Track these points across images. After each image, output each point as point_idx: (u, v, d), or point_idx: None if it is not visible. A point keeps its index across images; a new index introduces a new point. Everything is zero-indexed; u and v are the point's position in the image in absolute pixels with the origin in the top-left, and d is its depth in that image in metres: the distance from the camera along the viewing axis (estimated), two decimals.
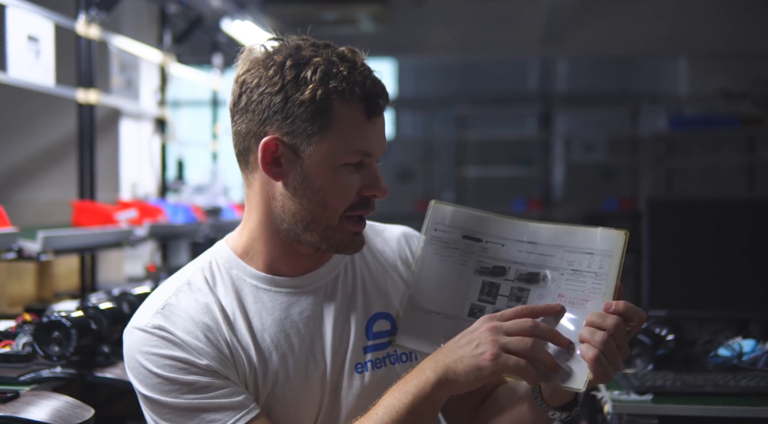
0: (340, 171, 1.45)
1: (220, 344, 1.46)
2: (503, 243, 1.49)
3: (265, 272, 1.54)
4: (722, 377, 2.41)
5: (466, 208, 1.55)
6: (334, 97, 1.42)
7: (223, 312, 1.49)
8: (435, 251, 1.52)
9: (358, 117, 1.44)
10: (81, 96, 4.47)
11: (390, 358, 1.56)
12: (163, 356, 1.43)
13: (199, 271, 1.55)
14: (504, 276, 1.47)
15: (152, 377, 1.43)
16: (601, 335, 1.33)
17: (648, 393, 2.31)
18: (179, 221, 5.05)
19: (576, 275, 1.42)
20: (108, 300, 2.84)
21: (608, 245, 1.42)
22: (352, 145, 1.44)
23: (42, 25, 3.88)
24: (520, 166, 10.45)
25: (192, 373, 1.42)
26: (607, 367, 1.32)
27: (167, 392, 1.42)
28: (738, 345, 2.63)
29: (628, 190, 10.04)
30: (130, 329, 1.48)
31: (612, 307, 1.36)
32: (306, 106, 1.42)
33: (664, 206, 2.86)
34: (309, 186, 1.46)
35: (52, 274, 4.22)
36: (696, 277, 2.82)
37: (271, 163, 1.46)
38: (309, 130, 1.43)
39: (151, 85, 5.97)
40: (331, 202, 1.46)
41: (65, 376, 2.48)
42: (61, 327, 2.45)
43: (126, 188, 5.93)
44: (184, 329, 1.45)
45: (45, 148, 5.96)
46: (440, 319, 1.48)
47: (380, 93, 1.46)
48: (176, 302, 1.49)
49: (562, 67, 11.06)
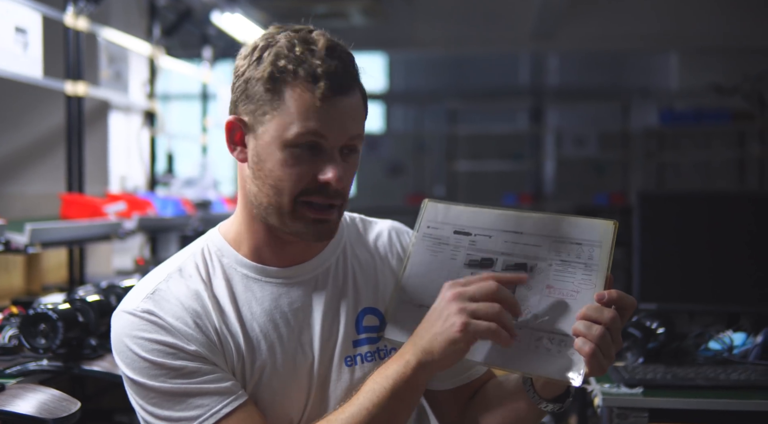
0: (290, 152, 1.43)
1: (208, 330, 1.45)
2: (491, 235, 1.47)
3: (253, 261, 1.53)
4: (713, 370, 2.40)
5: (459, 204, 1.53)
6: (283, 76, 1.41)
7: (213, 299, 1.48)
8: (427, 247, 1.51)
9: (307, 97, 1.41)
10: (69, 88, 4.44)
11: (380, 352, 1.55)
12: (151, 341, 1.42)
13: (191, 257, 1.54)
14: (492, 268, 1.45)
15: (140, 361, 1.42)
16: (598, 329, 1.31)
17: (638, 386, 2.29)
18: (168, 214, 5.03)
19: (565, 265, 1.41)
20: (95, 293, 2.82)
21: (597, 235, 1.40)
22: (300, 124, 1.41)
23: (30, 16, 3.85)
24: (511, 160, 10.45)
25: (180, 358, 1.41)
26: (603, 360, 1.31)
27: (154, 377, 1.41)
28: (729, 338, 2.62)
29: (619, 184, 10.05)
30: (119, 312, 1.47)
31: (605, 297, 1.34)
32: (261, 86, 1.42)
33: (654, 199, 2.85)
34: (262, 167, 1.46)
35: (41, 267, 4.19)
36: (687, 270, 2.81)
37: (237, 143, 1.49)
38: (263, 109, 1.43)
39: (140, 77, 5.94)
40: (280, 185, 1.44)
41: (52, 369, 2.45)
42: (48, 320, 2.42)
43: (115, 181, 5.90)
44: (173, 314, 1.44)
45: (33, 141, 5.93)
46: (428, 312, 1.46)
47: (333, 75, 1.42)
48: (166, 287, 1.48)
49: (553, 62, 11.07)
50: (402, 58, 10.98)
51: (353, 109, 1.46)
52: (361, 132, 1.48)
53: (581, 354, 1.31)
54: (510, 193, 9.89)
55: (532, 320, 1.39)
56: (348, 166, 1.47)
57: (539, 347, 1.38)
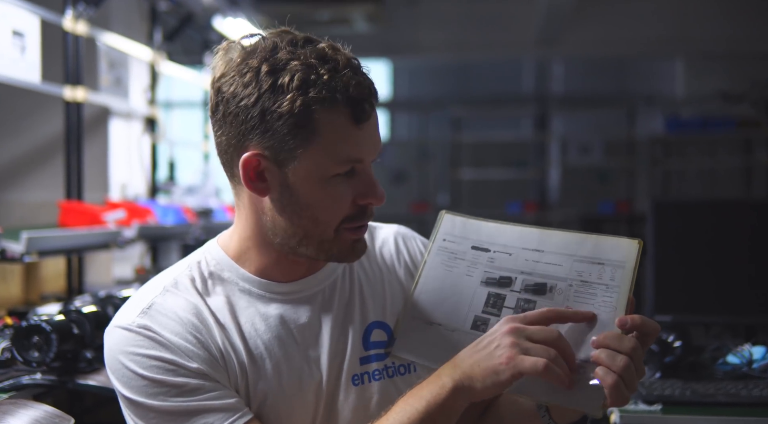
0: (329, 183, 1.35)
1: (209, 346, 1.37)
2: (511, 252, 1.40)
3: (258, 276, 1.45)
4: (733, 385, 2.31)
5: (477, 218, 1.46)
6: (315, 107, 1.30)
7: (213, 315, 1.40)
8: (441, 261, 1.44)
9: (344, 124, 1.32)
10: (68, 93, 4.37)
11: (388, 370, 1.47)
12: (149, 357, 1.33)
13: (188, 271, 1.46)
14: (510, 287, 1.38)
15: (137, 378, 1.33)
16: (622, 360, 1.23)
17: (657, 403, 2.21)
18: (169, 223, 4.96)
19: (585, 286, 1.33)
20: (92, 303, 2.73)
21: (620, 255, 1.33)
22: (340, 155, 1.33)
23: (28, 19, 3.78)
24: (516, 168, 10.37)
25: (181, 375, 1.33)
26: (625, 391, 1.23)
27: (154, 395, 1.32)
28: (748, 352, 2.53)
29: (624, 192, 9.97)
30: (113, 328, 1.38)
31: (628, 323, 1.26)
32: (285, 120, 1.30)
33: (669, 207, 2.76)
34: (297, 202, 1.36)
35: (40, 276, 4.13)
36: (703, 280, 2.73)
37: (255, 179, 1.36)
38: (291, 144, 1.32)
39: (141, 83, 5.87)
40: (323, 217, 1.36)
41: (46, 383, 2.37)
42: (41, 332, 2.34)
43: (116, 189, 5.83)
44: (172, 330, 1.35)
45: (33, 148, 5.87)
46: (441, 331, 1.39)
47: (367, 95, 1.33)
48: (163, 301, 1.39)
49: (557, 69, 11.01)
50: (405, 66, 10.92)
51: (377, 127, 1.40)
52: (382, 147, 1.43)
53: (603, 385, 1.23)
54: (514, 201, 9.83)
55: None
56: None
57: None
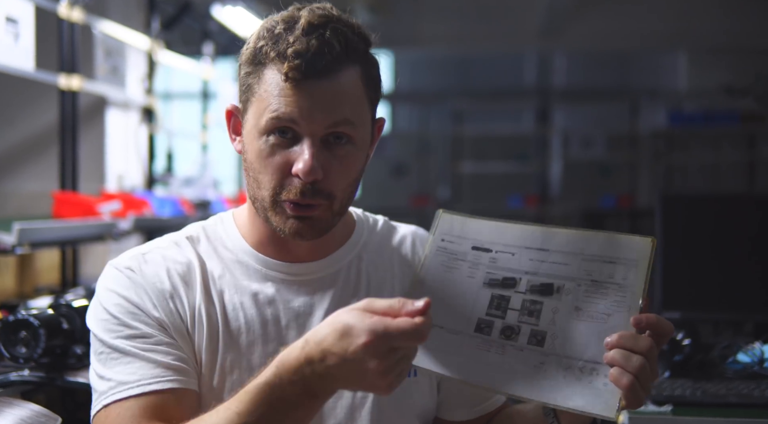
0: (264, 141, 1.32)
1: (183, 302, 1.38)
2: (513, 252, 1.34)
3: (257, 251, 1.43)
4: (745, 385, 2.24)
5: (477, 217, 1.39)
6: (260, 57, 1.32)
7: (203, 277, 1.40)
8: (441, 262, 1.37)
9: (276, 79, 1.30)
10: (63, 82, 4.30)
11: None
12: (118, 295, 1.36)
13: (195, 233, 1.47)
14: (515, 288, 1.32)
15: (103, 312, 1.36)
16: (638, 361, 1.18)
17: (667, 404, 2.13)
18: (166, 214, 4.91)
19: (596, 286, 1.28)
20: (84, 297, 2.65)
21: (633, 253, 1.28)
22: (271, 109, 1.30)
23: (21, 6, 3.69)
24: (517, 161, 10.31)
25: (139, 320, 1.34)
26: (640, 392, 1.19)
27: (109, 331, 1.34)
28: (759, 350, 2.46)
29: (626, 187, 9.91)
30: (107, 265, 1.42)
31: (643, 322, 1.21)
32: (243, 70, 1.36)
33: (677, 202, 2.70)
34: (246, 158, 1.36)
35: (34, 268, 4.09)
36: (711, 276, 2.67)
37: (237, 134, 1.41)
38: (246, 95, 1.35)
39: (138, 72, 5.79)
40: (261, 178, 1.33)
41: (34, 380, 2.29)
42: (29, 326, 2.26)
43: (112, 180, 5.76)
44: (154, 275, 1.38)
45: (28, 138, 5.82)
46: (443, 334, 1.32)
47: (311, 54, 1.28)
48: (160, 251, 1.42)
49: (559, 62, 10.93)
50: (407, 58, 10.85)
51: (335, 92, 1.30)
52: (347, 117, 1.32)
53: (618, 386, 1.19)
54: (515, 195, 9.77)
55: (559, 345, 1.26)
56: (332, 159, 1.32)
57: (568, 375, 1.24)
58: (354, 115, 1.33)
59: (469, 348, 1.28)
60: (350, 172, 1.35)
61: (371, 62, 1.39)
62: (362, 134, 1.36)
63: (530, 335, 1.27)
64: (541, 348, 1.26)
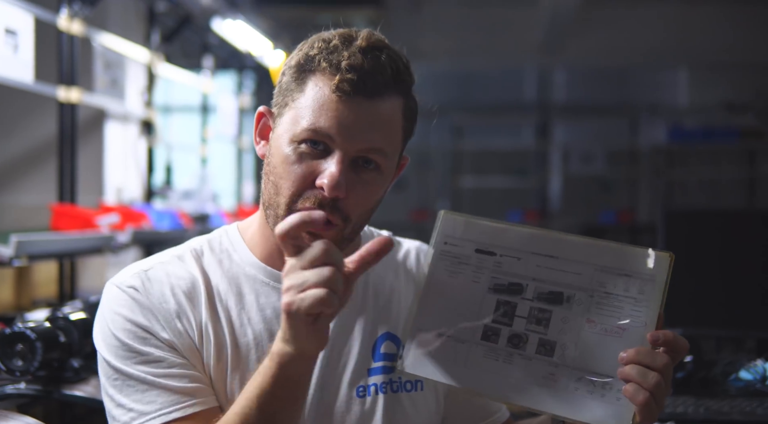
0: (294, 148, 1.28)
1: (189, 320, 1.34)
2: (519, 256, 1.30)
3: (266, 264, 1.40)
4: (748, 403, 2.22)
5: (480, 218, 1.36)
6: (309, 65, 1.29)
7: (208, 292, 1.37)
8: (445, 267, 1.33)
9: (324, 90, 1.27)
10: (62, 94, 4.30)
11: (392, 384, 1.39)
12: (125, 319, 1.32)
13: (199, 246, 1.43)
14: (521, 294, 1.28)
15: (111, 338, 1.32)
16: (654, 378, 1.16)
17: (669, 421, 2.11)
18: (164, 228, 4.89)
19: (610, 299, 1.24)
20: (81, 310, 2.63)
21: (650, 268, 1.24)
22: (309, 119, 1.26)
23: (21, 17, 3.69)
24: (517, 176, 10.31)
25: (150, 344, 1.31)
26: (655, 409, 1.17)
27: (122, 358, 1.31)
28: (762, 367, 2.44)
29: (626, 202, 9.90)
30: (108, 284, 1.38)
31: (660, 339, 1.19)
32: (289, 74, 1.32)
33: (680, 217, 2.68)
34: (270, 162, 1.32)
35: (32, 281, 4.07)
36: (714, 292, 2.65)
37: (263, 138, 1.37)
38: (285, 100, 1.31)
39: (137, 85, 5.78)
40: (279, 183, 1.29)
41: (30, 393, 2.27)
42: (26, 339, 2.23)
43: (111, 193, 5.75)
44: (160, 295, 1.34)
45: (27, 150, 5.81)
46: (450, 342, 1.29)
47: (365, 73, 1.26)
48: (163, 268, 1.38)
49: (559, 77, 10.95)
50: None
51: (377, 116, 1.28)
52: (381, 145, 1.29)
53: (634, 403, 1.17)
54: (515, 210, 9.76)
55: (570, 357, 1.24)
56: (357, 182, 1.29)
57: (579, 388, 1.22)
58: (388, 145, 1.31)
59: (476, 357, 1.26)
60: (370, 199, 1.33)
61: (413, 98, 1.38)
62: (390, 165, 1.33)
63: (539, 344, 1.25)
64: (551, 358, 1.23)
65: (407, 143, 1.39)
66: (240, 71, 7.89)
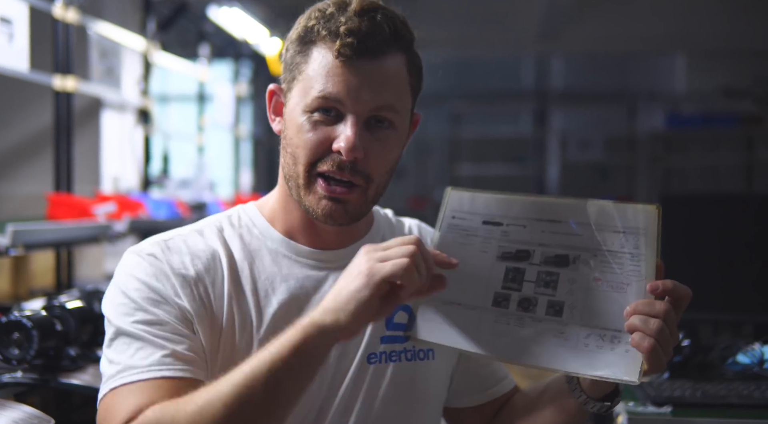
0: (307, 118, 1.32)
1: (208, 292, 1.35)
2: (525, 224, 1.34)
3: (287, 238, 1.42)
4: (745, 386, 2.22)
5: (485, 191, 1.38)
6: (310, 36, 1.32)
7: (231, 263, 1.38)
8: (453, 239, 1.36)
9: (328, 57, 1.30)
10: (58, 83, 4.29)
11: (407, 353, 1.43)
12: (139, 280, 1.32)
13: (218, 222, 1.44)
14: (529, 260, 1.32)
15: (120, 296, 1.33)
16: (656, 323, 1.19)
17: (667, 405, 2.11)
18: (161, 216, 4.88)
19: (611, 255, 1.28)
20: (78, 298, 2.63)
21: (640, 222, 1.27)
22: (318, 87, 1.30)
23: (15, 6, 3.68)
24: (515, 164, 10.31)
25: (159, 306, 1.31)
26: (662, 356, 1.20)
27: (125, 315, 1.31)
28: (758, 351, 2.44)
29: (625, 189, 9.91)
30: (127, 252, 1.39)
31: (660, 287, 1.21)
32: (291, 49, 1.36)
33: (677, 202, 2.68)
34: (286, 135, 1.36)
35: (29, 270, 4.07)
36: (711, 277, 2.64)
37: (273, 113, 1.42)
38: (293, 74, 1.35)
39: (133, 74, 5.77)
40: (297, 152, 1.33)
41: (27, 381, 2.26)
42: (22, 328, 2.23)
43: (108, 182, 5.74)
44: (179, 262, 1.35)
45: (23, 140, 5.80)
46: (461, 310, 1.32)
47: (363, 34, 1.29)
48: (183, 239, 1.39)
49: (557, 65, 10.94)
50: None
51: (383, 75, 1.32)
52: (391, 102, 1.33)
53: (640, 350, 1.20)
54: None
55: (578, 315, 1.27)
56: (374, 141, 1.33)
57: (589, 344, 1.26)
58: (397, 101, 1.35)
59: (487, 322, 1.29)
60: (389, 157, 1.37)
61: (415, 54, 1.40)
62: (403, 121, 1.37)
63: (548, 306, 1.28)
64: (560, 318, 1.27)
65: (417, 99, 1.42)
66: (236, 59, 7.89)
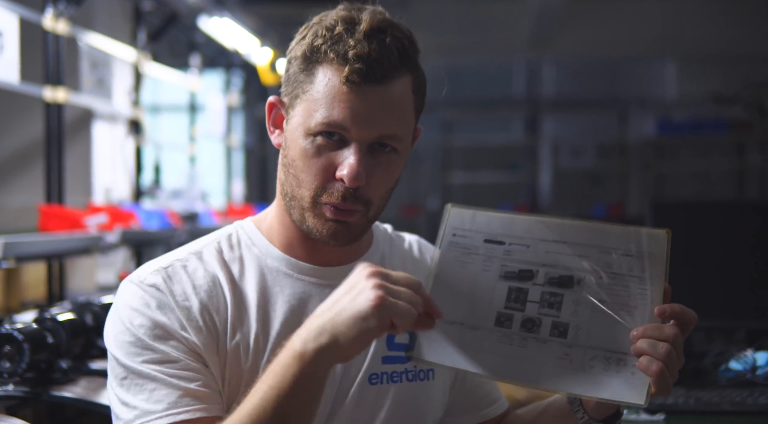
0: (313, 142, 1.29)
1: (214, 320, 1.32)
2: (528, 244, 1.33)
3: (286, 255, 1.40)
4: (738, 393, 2.22)
5: (486, 209, 1.38)
6: (317, 56, 1.29)
7: (232, 288, 1.36)
8: (455, 257, 1.35)
9: (335, 80, 1.27)
10: (48, 94, 4.28)
11: (408, 374, 1.42)
12: (144, 315, 1.29)
13: (216, 242, 1.41)
14: (532, 280, 1.30)
15: (126, 333, 1.29)
16: (664, 347, 1.19)
17: (660, 412, 2.11)
18: (153, 227, 4.87)
19: (617, 278, 1.27)
20: (70, 311, 2.62)
21: (649, 246, 1.27)
22: (323, 112, 1.27)
23: (5, 17, 3.67)
24: (507, 171, 10.32)
25: (167, 343, 1.28)
26: (669, 379, 1.19)
27: (133, 354, 1.28)
28: (751, 358, 2.44)
29: (617, 195, 9.93)
30: (125, 282, 1.35)
31: (668, 311, 1.22)
32: (296, 65, 1.32)
33: (668, 209, 2.68)
34: (287, 154, 1.33)
35: (20, 282, 4.04)
36: (703, 284, 2.64)
37: (277, 126, 1.39)
38: (296, 91, 1.32)
39: (124, 85, 5.77)
40: (302, 177, 1.31)
41: (18, 394, 2.25)
42: (13, 341, 2.22)
43: (99, 193, 5.73)
44: (182, 293, 1.32)
45: (13, 151, 5.79)
46: (463, 330, 1.31)
47: (372, 60, 1.26)
48: (183, 265, 1.36)
49: (548, 72, 10.96)
50: None
51: (389, 100, 1.29)
52: (395, 131, 1.31)
53: (648, 374, 1.19)
54: (506, 205, 9.76)
55: (583, 337, 1.26)
56: (376, 165, 1.31)
57: (594, 366, 1.25)
58: (401, 128, 1.32)
59: (490, 343, 1.28)
60: (390, 180, 1.35)
61: (421, 71, 1.37)
62: (405, 144, 1.35)
63: (552, 327, 1.27)
64: (565, 339, 1.26)
65: (419, 115, 1.39)
66: (227, 69, 7.89)
